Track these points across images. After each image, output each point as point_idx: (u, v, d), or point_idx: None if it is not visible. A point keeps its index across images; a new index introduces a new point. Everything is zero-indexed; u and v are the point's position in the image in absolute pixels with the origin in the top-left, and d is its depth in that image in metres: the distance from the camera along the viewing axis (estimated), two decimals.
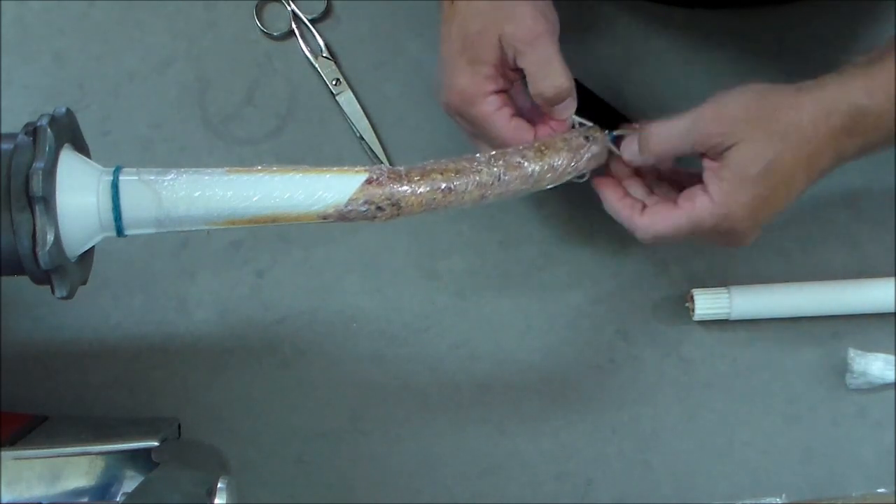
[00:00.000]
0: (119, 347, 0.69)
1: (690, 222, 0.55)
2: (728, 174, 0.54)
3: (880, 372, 0.67)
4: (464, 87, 0.57)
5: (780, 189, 0.54)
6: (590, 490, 0.67)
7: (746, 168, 0.53)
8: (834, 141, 0.54)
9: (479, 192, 0.54)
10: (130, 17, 0.74)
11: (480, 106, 0.57)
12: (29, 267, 0.46)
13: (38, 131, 0.46)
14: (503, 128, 0.57)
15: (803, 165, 0.54)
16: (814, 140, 0.53)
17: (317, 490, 0.67)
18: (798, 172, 0.54)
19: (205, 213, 0.50)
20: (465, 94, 0.57)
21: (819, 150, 0.54)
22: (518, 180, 0.56)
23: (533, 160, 0.56)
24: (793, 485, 0.67)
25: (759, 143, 0.53)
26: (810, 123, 0.53)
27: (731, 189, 0.54)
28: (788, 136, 0.53)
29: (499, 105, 0.57)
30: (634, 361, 0.69)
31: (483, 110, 0.57)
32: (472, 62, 0.56)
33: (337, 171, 0.52)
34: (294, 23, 0.74)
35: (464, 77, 0.57)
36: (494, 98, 0.57)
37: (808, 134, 0.53)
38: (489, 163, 0.55)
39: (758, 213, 0.54)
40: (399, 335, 0.69)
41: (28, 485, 0.55)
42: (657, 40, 0.73)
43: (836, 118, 0.53)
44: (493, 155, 0.55)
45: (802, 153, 0.54)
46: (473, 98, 0.57)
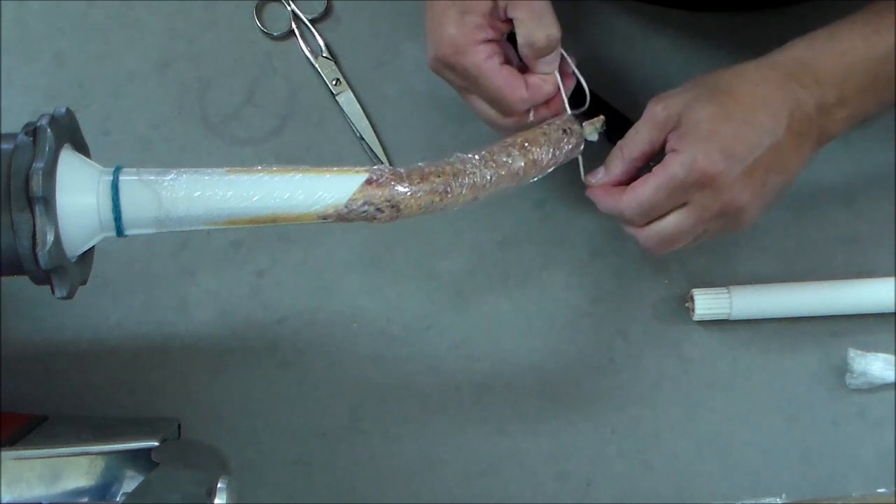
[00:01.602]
0: (119, 347, 0.69)
1: (666, 178, 0.55)
2: (687, 132, 0.55)
3: (880, 372, 0.67)
4: (454, 37, 0.57)
5: (743, 131, 0.54)
6: (590, 490, 0.67)
7: (701, 120, 0.54)
8: (786, 85, 0.55)
9: (471, 194, 0.54)
10: (130, 17, 0.74)
11: (471, 55, 0.57)
12: (29, 267, 0.46)
13: (38, 131, 0.46)
14: (495, 76, 0.57)
15: (761, 110, 0.54)
16: (762, 84, 0.55)
17: (317, 490, 0.67)
18: (759, 117, 0.54)
19: (205, 213, 0.50)
20: (455, 43, 0.57)
21: (774, 94, 0.55)
22: (507, 178, 0.56)
23: (518, 157, 0.56)
24: (793, 485, 0.67)
25: (707, 101, 0.55)
26: (755, 72, 0.56)
27: (694, 139, 0.54)
28: (734, 87, 0.55)
29: (489, 54, 0.57)
30: (634, 361, 0.69)
31: (474, 59, 0.57)
32: (463, 12, 0.56)
33: (337, 171, 0.52)
34: (294, 23, 0.74)
35: (454, 27, 0.56)
36: (485, 47, 0.57)
37: (754, 79, 0.55)
38: (481, 164, 0.55)
39: (731, 154, 0.54)
40: (399, 335, 0.69)
41: (28, 485, 0.55)
42: (657, 41, 0.73)
43: (780, 69, 0.56)
44: (483, 155, 0.56)
45: (756, 100, 0.55)
46: (464, 48, 0.57)
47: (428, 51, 0.59)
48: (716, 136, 0.54)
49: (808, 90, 0.55)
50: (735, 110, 0.55)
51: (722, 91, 0.55)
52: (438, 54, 0.58)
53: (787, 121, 0.55)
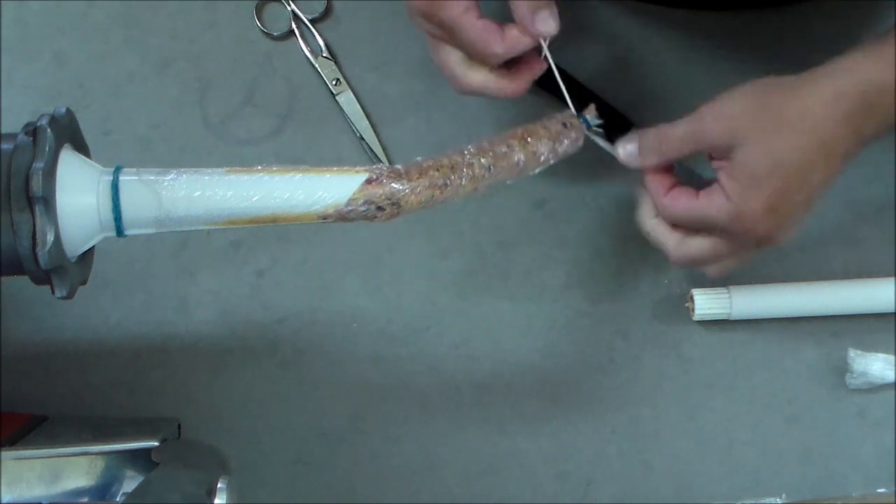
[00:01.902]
0: (119, 347, 0.69)
1: (704, 216, 0.54)
2: (739, 174, 0.53)
3: (880, 372, 0.67)
4: None
5: (795, 181, 0.52)
6: (590, 490, 0.67)
7: (755, 167, 0.52)
8: (851, 122, 0.51)
9: (472, 186, 0.54)
10: (130, 17, 0.74)
11: (448, 8, 0.55)
12: (29, 267, 0.46)
13: (38, 131, 0.46)
14: (471, 28, 0.55)
15: (819, 153, 0.52)
16: (827, 124, 0.51)
17: (317, 490, 0.67)
18: (814, 161, 0.52)
19: (205, 213, 0.50)
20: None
21: (835, 134, 0.52)
22: (506, 170, 0.56)
23: (518, 149, 0.56)
24: (793, 485, 0.67)
25: (765, 140, 0.52)
26: (821, 108, 0.51)
27: (743, 190, 0.53)
28: (796, 126, 0.52)
29: (466, 7, 0.55)
30: (634, 361, 0.69)
31: (450, 12, 0.55)
32: None
33: (337, 171, 0.52)
34: (294, 23, 0.74)
35: None
36: (461, 2, 0.55)
37: (818, 120, 0.51)
38: (479, 155, 0.55)
39: (776, 210, 0.53)
40: (399, 335, 0.69)
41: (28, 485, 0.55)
42: (657, 41, 0.73)
43: (850, 99, 0.51)
44: (482, 146, 0.55)
45: (815, 141, 0.52)
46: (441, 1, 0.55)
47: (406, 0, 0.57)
48: (768, 198, 0.52)
49: (875, 118, 0.52)
50: (791, 161, 0.52)
51: (784, 129, 0.52)
52: (414, 5, 0.56)
53: (841, 160, 0.53)
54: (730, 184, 0.53)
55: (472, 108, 0.72)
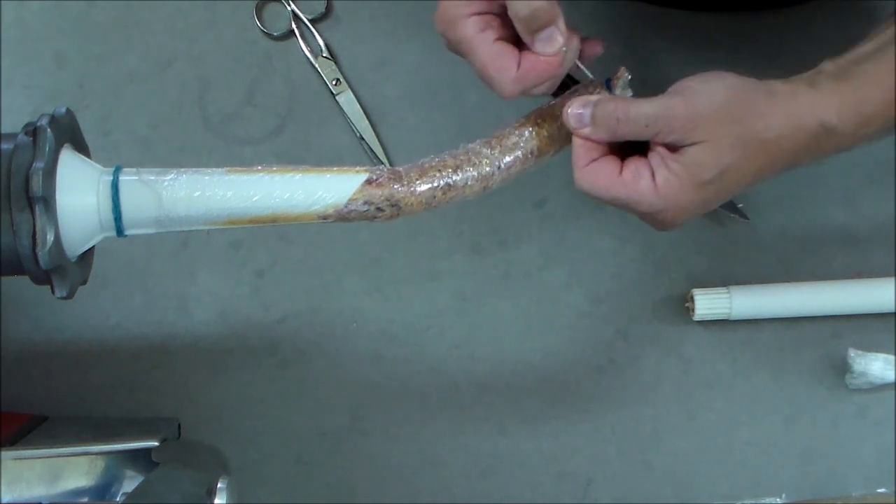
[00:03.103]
0: (119, 347, 0.69)
1: (627, 199, 0.52)
2: (680, 169, 0.51)
3: (880, 372, 0.67)
4: (446, 8, 0.53)
5: (723, 192, 0.53)
6: (590, 490, 0.67)
7: (702, 170, 0.51)
8: (792, 156, 0.52)
9: (480, 186, 0.53)
10: (130, 17, 0.74)
11: (461, 28, 0.53)
12: (29, 267, 0.46)
13: (38, 131, 0.46)
14: (484, 52, 0.53)
15: (754, 173, 0.52)
16: (774, 154, 0.52)
17: (317, 490, 0.67)
18: (747, 179, 0.53)
19: (205, 213, 0.50)
20: (447, 15, 0.53)
21: (775, 162, 0.52)
22: (520, 162, 0.54)
23: (531, 138, 0.54)
24: (793, 485, 0.67)
25: (721, 147, 0.51)
26: (776, 138, 0.51)
27: (678, 186, 0.51)
28: (750, 146, 0.51)
29: (481, 27, 0.53)
30: (634, 361, 0.69)
31: (464, 33, 0.53)
32: None
33: (337, 171, 0.52)
34: (294, 23, 0.74)
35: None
36: (476, 20, 0.53)
37: (770, 148, 0.52)
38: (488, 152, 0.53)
39: (695, 210, 0.53)
40: (399, 335, 0.69)
41: (28, 485, 0.55)
42: (657, 41, 0.73)
43: (802, 135, 0.52)
44: (490, 142, 0.54)
45: (758, 164, 0.52)
46: (455, 19, 0.53)
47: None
48: (696, 200, 0.52)
49: (813, 155, 0.53)
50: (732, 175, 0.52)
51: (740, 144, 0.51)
52: (438, 26, 0.54)
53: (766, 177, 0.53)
54: (665, 174, 0.52)
55: (473, 108, 0.72)
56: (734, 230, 0.70)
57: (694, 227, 0.70)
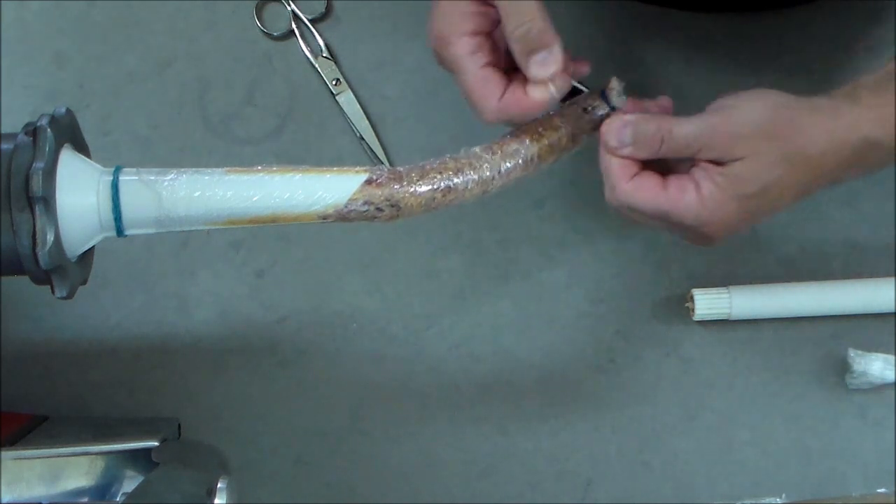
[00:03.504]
0: (119, 347, 0.69)
1: (671, 213, 0.52)
2: (724, 183, 0.51)
3: (880, 372, 0.67)
4: (440, 26, 0.52)
5: (766, 208, 0.53)
6: (590, 490, 0.67)
7: (745, 184, 0.51)
8: (836, 171, 0.52)
9: (480, 189, 0.53)
10: (130, 17, 0.74)
11: (453, 47, 0.52)
12: (29, 267, 0.46)
13: (38, 131, 0.47)
14: (471, 75, 0.52)
15: (797, 190, 0.53)
16: (817, 169, 0.52)
17: (317, 490, 0.67)
18: (790, 195, 0.53)
19: (205, 213, 0.50)
20: (440, 32, 0.52)
21: (819, 177, 0.52)
22: (520, 168, 0.54)
23: (531, 145, 0.54)
24: (793, 485, 0.67)
25: (764, 163, 0.51)
26: (819, 154, 0.51)
27: (723, 199, 0.52)
28: (794, 162, 0.51)
29: (472, 49, 0.52)
30: (634, 361, 0.69)
31: (454, 52, 0.52)
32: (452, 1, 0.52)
33: (337, 171, 0.52)
34: (294, 23, 0.74)
35: (442, 13, 0.52)
36: (468, 40, 0.52)
37: (813, 163, 0.52)
38: (488, 156, 0.53)
39: (737, 225, 0.53)
40: (399, 335, 0.69)
41: (28, 485, 0.55)
42: (657, 42, 0.73)
43: (846, 151, 0.52)
44: (491, 147, 0.54)
45: (802, 179, 0.52)
46: (448, 37, 0.52)
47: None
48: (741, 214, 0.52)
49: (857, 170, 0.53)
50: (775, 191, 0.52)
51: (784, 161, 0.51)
52: (430, 45, 0.53)
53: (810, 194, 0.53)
54: (710, 187, 0.52)
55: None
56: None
57: None
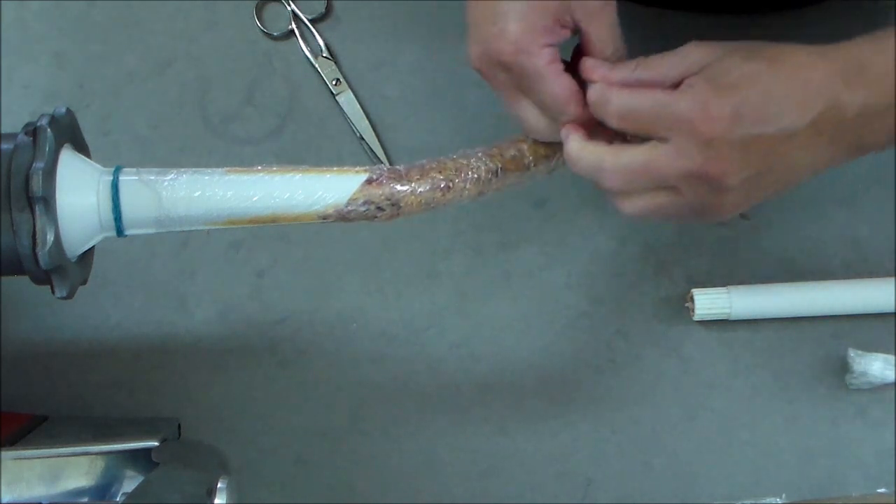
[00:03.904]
0: (119, 347, 0.69)
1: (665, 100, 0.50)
2: (708, 72, 0.49)
3: (880, 372, 0.66)
4: (518, 35, 0.51)
5: (766, 97, 0.49)
6: (590, 490, 0.67)
7: (727, 67, 0.49)
8: (829, 82, 0.49)
9: (476, 189, 0.54)
10: (130, 17, 0.74)
11: (536, 57, 0.52)
12: (29, 267, 0.46)
13: (38, 131, 0.47)
14: (559, 83, 0.53)
15: (794, 86, 0.49)
16: (806, 69, 0.49)
17: (317, 490, 0.67)
18: (788, 92, 0.49)
19: (205, 213, 0.50)
20: (518, 42, 0.52)
21: (812, 80, 0.49)
22: (515, 174, 0.55)
23: (528, 151, 0.55)
24: (793, 485, 0.67)
25: (743, 56, 0.49)
26: (805, 55, 0.49)
27: (708, 82, 0.49)
28: (777, 58, 0.49)
29: (552, 58, 0.52)
30: (634, 361, 0.69)
31: (538, 62, 0.52)
32: (531, 9, 0.51)
33: (337, 171, 0.52)
34: (294, 23, 0.74)
35: (519, 24, 0.51)
36: (549, 50, 0.52)
37: (801, 60, 0.49)
38: (486, 159, 0.54)
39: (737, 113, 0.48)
40: (399, 335, 0.69)
41: (28, 485, 0.55)
42: (657, 42, 0.73)
43: (834, 62, 0.49)
44: (489, 150, 0.55)
45: (793, 76, 0.49)
46: (529, 48, 0.52)
47: (473, 45, 0.53)
48: (733, 91, 0.48)
49: (853, 92, 0.49)
50: (765, 78, 0.49)
51: (763, 57, 0.50)
52: (492, 50, 0.52)
53: (813, 115, 0.49)
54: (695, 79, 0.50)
55: (473, 109, 0.72)
56: (734, 230, 0.70)
57: (694, 227, 0.70)
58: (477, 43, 0.53)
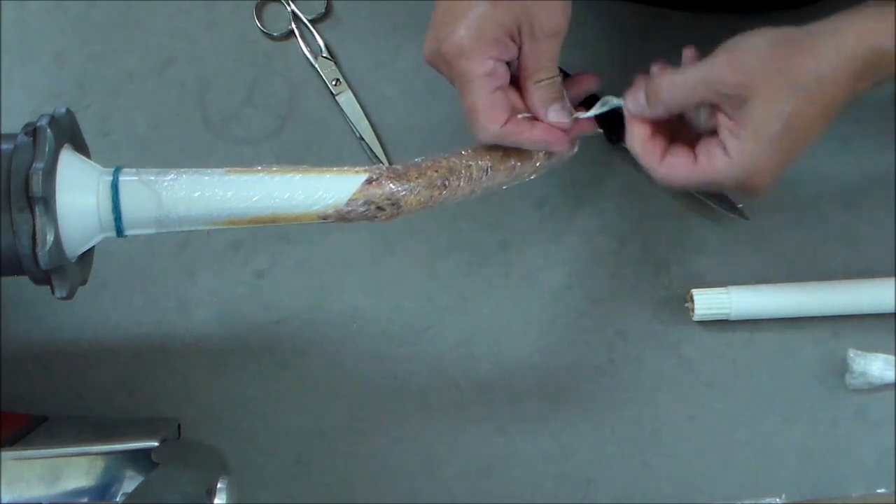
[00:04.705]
0: (119, 347, 0.69)
1: (708, 180, 0.54)
2: (747, 134, 0.52)
3: (880, 372, 0.67)
4: (463, 40, 0.52)
5: (798, 142, 0.53)
6: (590, 490, 0.67)
7: (766, 127, 0.52)
8: (852, 83, 0.53)
9: (469, 188, 0.55)
10: (130, 17, 0.74)
11: (471, 64, 0.53)
12: (29, 267, 0.46)
13: (38, 131, 0.47)
14: (483, 97, 0.53)
15: (821, 114, 0.53)
16: (833, 87, 0.52)
17: (317, 490, 0.67)
18: (816, 122, 0.53)
19: (205, 213, 0.50)
20: (461, 47, 0.53)
21: (837, 95, 0.53)
22: (503, 173, 0.56)
23: (514, 154, 0.56)
24: (793, 485, 0.67)
25: (778, 98, 0.52)
26: (831, 72, 0.52)
27: (750, 150, 0.52)
28: (808, 88, 0.52)
29: (490, 71, 0.53)
30: (634, 361, 0.69)
31: (470, 69, 0.53)
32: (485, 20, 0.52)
33: (337, 171, 0.52)
34: (294, 23, 0.74)
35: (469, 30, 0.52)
36: (489, 62, 0.53)
37: (827, 82, 0.52)
38: (476, 157, 0.55)
39: (778, 168, 0.54)
40: (399, 335, 0.69)
41: (28, 485, 0.55)
42: (657, 41, 0.73)
43: (856, 63, 0.52)
44: (478, 149, 0.56)
45: (822, 103, 0.53)
46: (469, 54, 0.53)
47: (428, 41, 0.54)
48: (773, 156, 0.53)
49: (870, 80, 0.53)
50: (799, 123, 0.52)
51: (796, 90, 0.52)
52: (442, 49, 0.53)
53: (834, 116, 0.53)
54: (735, 144, 0.53)
55: None
56: (734, 230, 0.70)
57: (694, 227, 0.70)
58: (431, 40, 0.54)
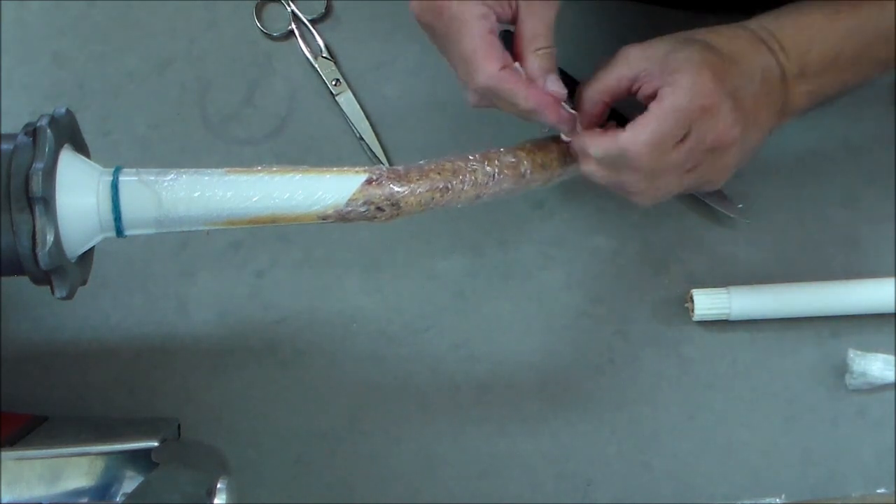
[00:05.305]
0: (119, 347, 0.69)
1: (672, 106, 0.53)
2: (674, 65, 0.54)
3: (880, 372, 0.67)
4: None
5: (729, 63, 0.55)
6: (590, 490, 0.67)
7: (686, 56, 0.55)
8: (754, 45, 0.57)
9: (474, 192, 0.54)
10: (130, 17, 0.74)
11: (465, 5, 0.51)
12: (29, 267, 0.46)
13: (38, 131, 0.47)
14: (477, 36, 0.51)
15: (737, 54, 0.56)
16: (736, 39, 0.57)
17: (317, 490, 0.67)
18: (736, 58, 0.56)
19: (204, 213, 0.50)
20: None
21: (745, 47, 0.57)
22: (511, 179, 0.56)
23: (524, 159, 0.56)
24: (793, 485, 0.67)
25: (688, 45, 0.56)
26: (727, 29, 0.58)
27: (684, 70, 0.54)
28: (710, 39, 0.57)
29: (482, 14, 0.52)
30: (634, 361, 0.69)
31: (461, 10, 0.51)
32: None
33: (337, 171, 0.52)
34: (294, 23, 0.74)
35: None
36: (479, 5, 0.52)
37: (728, 34, 0.57)
38: (483, 163, 0.55)
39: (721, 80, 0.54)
40: (399, 335, 0.69)
41: (28, 485, 0.55)
42: None
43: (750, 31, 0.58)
44: (487, 154, 0.55)
45: (731, 47, 0.56)
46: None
47: None
48: (707, 67, 0.54)
49: (773, 55, 0.57)
50: (716, 53, 0.56)
51: (699, 41, 0.56)
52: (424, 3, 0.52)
53: (760, 75, 0.56)
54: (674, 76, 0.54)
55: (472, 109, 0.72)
56: (734, 230, 0.70)
57: (694, 227, 0.70)
58: None
